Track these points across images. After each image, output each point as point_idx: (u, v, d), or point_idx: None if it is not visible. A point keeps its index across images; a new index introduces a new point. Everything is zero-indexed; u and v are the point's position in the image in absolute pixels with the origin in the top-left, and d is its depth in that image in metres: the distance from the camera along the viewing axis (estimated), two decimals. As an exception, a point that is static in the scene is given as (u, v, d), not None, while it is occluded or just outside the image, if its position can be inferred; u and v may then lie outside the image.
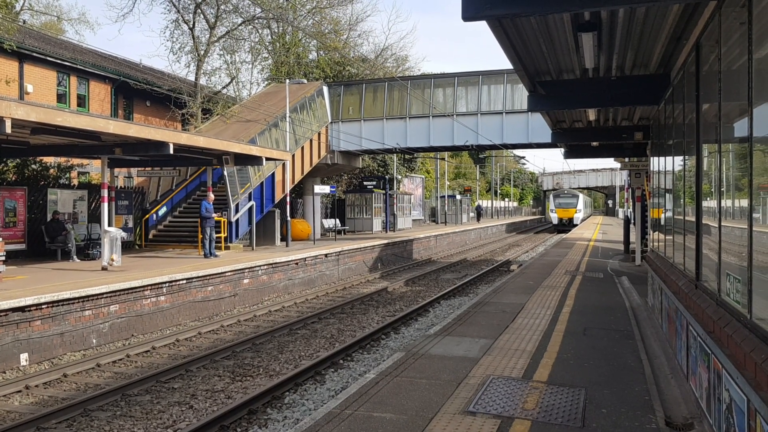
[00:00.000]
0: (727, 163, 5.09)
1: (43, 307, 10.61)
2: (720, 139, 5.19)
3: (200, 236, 18.92)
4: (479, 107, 27.38)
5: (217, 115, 28.27)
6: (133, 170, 25.23)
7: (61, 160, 20.74)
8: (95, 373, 10.07)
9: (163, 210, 23.25)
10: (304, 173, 27.43)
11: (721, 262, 5.13)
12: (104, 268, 14.81)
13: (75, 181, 22.48)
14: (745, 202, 4.36)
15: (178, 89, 27.91)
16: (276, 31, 37.83)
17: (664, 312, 8.93)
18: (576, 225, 56.77)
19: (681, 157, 7.96)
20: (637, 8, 6.47)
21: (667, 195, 9.80)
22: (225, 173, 21.06)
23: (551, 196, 61.79)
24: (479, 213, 57.07)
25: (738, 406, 4.03)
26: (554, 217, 60.22)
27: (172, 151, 14.67)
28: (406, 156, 38.08)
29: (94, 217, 19.24)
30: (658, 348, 8.58)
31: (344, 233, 32.34)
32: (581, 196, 61.72)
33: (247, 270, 16.47)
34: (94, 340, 11.66)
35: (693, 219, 6.62)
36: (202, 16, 30.27)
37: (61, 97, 24.29)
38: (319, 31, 38.18)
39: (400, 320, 14.05)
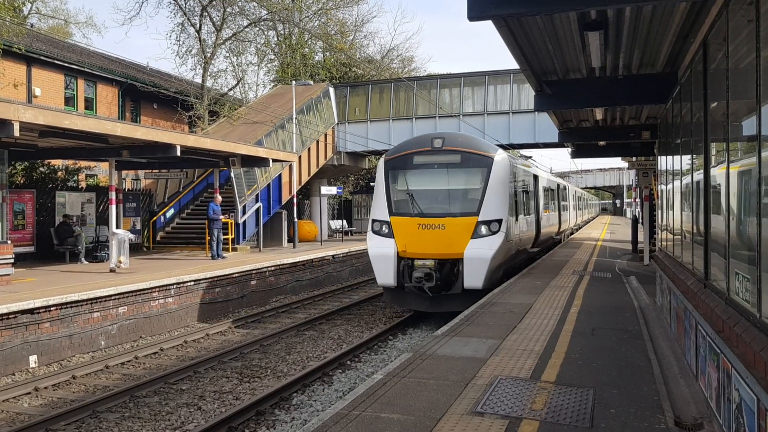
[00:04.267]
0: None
1: (51, 309, 10.67)
2: (728, 137, 5.16)
3: (207, 238, 18.99)
4: (486, 107, 27.35)
5: (224, 117, 28.38)
6: (141, 172, 25.35)
7: (69, 162, 20.87)
8: (104, 375, 10.11)
9: (171, 212, 23.34)
10: (311, 174, 27.47)
11: (729, 261, 5.09)
12: (112, 270, 14.88)
13: (83, 184, 22.61)
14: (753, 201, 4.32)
15: (184, 91, 28.03)
16: (282, 32, 37.93)
17: (672, 311, 8.88)
18: (491, 290, 13.00)
19: (689, 156, 7.92)
20: (643, 7, 6.44)
21: (676, 194, 9.74)
22: (232, 175, 21.14)
23: (382, 163, 14.47)
24: None
25: (748, 406, 4.00)
26: (377, 249, 13.49)
27: (179, 153, 14.78)
28: (413, 157, 38.02)
29: (102, 219, 19.35)
30: (666, 348, 8.53)
31: (351, 234, 32.36)
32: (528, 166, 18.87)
33: (254, 271, 16.50)
34: (103, 342, 11.71)
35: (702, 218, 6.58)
36: (208, 18, 30.40)
37: (69, 100, 24.41)
38: (325, 32, 38.27)
39: (407, 321, 14.05)
